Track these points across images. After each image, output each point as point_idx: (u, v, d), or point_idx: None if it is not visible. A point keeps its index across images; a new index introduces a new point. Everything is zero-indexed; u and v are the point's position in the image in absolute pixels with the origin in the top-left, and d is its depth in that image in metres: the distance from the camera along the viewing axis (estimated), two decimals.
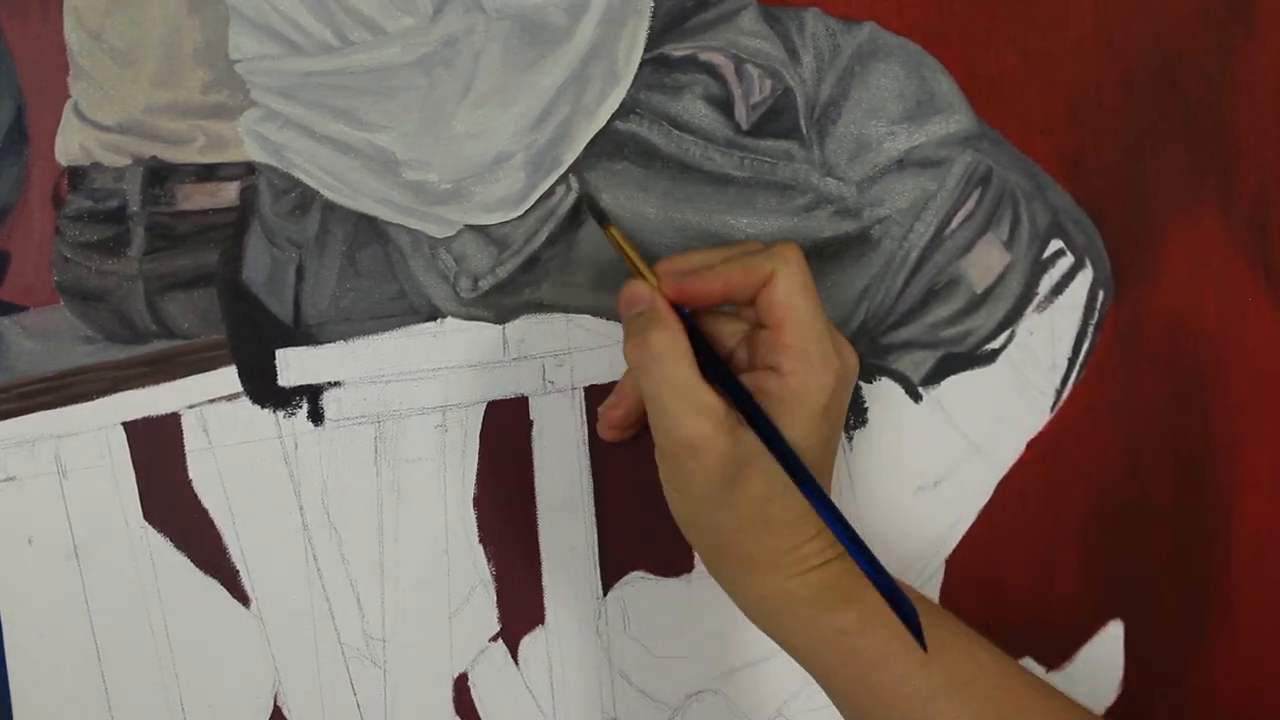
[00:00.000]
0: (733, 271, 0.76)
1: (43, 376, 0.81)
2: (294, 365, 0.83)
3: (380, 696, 0.87)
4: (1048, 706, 0.82)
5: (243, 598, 0.84)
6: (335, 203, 0.83)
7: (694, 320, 0.78)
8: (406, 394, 0.85)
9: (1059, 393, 0.94)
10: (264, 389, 0.84)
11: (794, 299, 0.75)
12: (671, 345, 0.74)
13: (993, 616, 0.96)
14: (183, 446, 0.83)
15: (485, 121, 0.83)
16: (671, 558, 0.90)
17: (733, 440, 0.74)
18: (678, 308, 0.77)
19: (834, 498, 0.89)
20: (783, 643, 0.80)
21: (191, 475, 0.83)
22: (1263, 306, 0.95)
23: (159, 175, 0.82)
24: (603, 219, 0.80)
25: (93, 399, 0.82)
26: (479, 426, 0.87)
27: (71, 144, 0.81)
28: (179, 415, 0.83)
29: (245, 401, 0.83)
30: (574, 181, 0.85)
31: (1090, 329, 0.94)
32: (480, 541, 0.87)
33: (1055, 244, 0.92)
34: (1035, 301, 0.92)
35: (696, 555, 0.90)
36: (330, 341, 0.84)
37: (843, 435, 0.92)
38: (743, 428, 0.75)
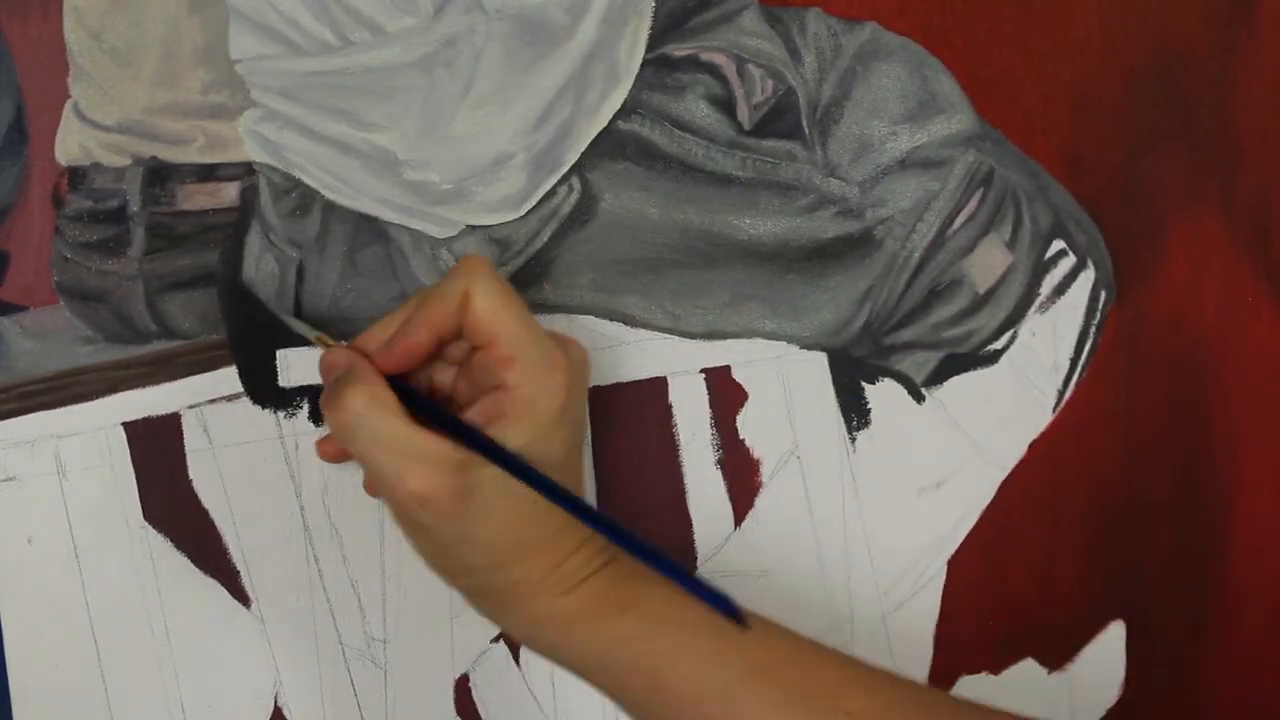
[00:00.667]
0: (429, 311, 0.72)
1: (43, 376, 0.81)
2: (295, 365, 0.83)
3: (381, 698, 0.86)
4: (852, 680, 0.77)
5: (243, 598, 0.84)
6: (336, 203, 0.83)
7: (401, 377, 0.74)
8: None
9: (1061, 393, 0.94)
10: (265, 389, 0.83)
11: (496, 308, 0.72)
12: (371, 400, 0.70)
13: (994, 617, 0.96)
14: (183, 446, 0.83)
15: (486, 121, 0.83)
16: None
17: (462, 477, 0.70)
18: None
19: (836, 498, 0.89)
20: (568, 665, 0.76)
21: (192, 475, 0.83)
22: (1263, 307, 0.95)
23: (159, 175, 0.82)
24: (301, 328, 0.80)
25: (93, 399, 0.82)
26: None
27: (71, 144, 0.81)
28: (179, 415, 0.83)
29: (246, 402, 0.83)
30: (576, 182, 0.85)
31: (1092, 330, 0.94)
32: None
33: (1057, 244, 0.92)
34: (1037, 302, 0.92)
35: (700, 558, 0.90)
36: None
37: (845, 436, 0.91)
38: (474, 461, 0.70)
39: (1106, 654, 0.98)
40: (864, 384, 0.92)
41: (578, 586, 0.73)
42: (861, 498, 0.92)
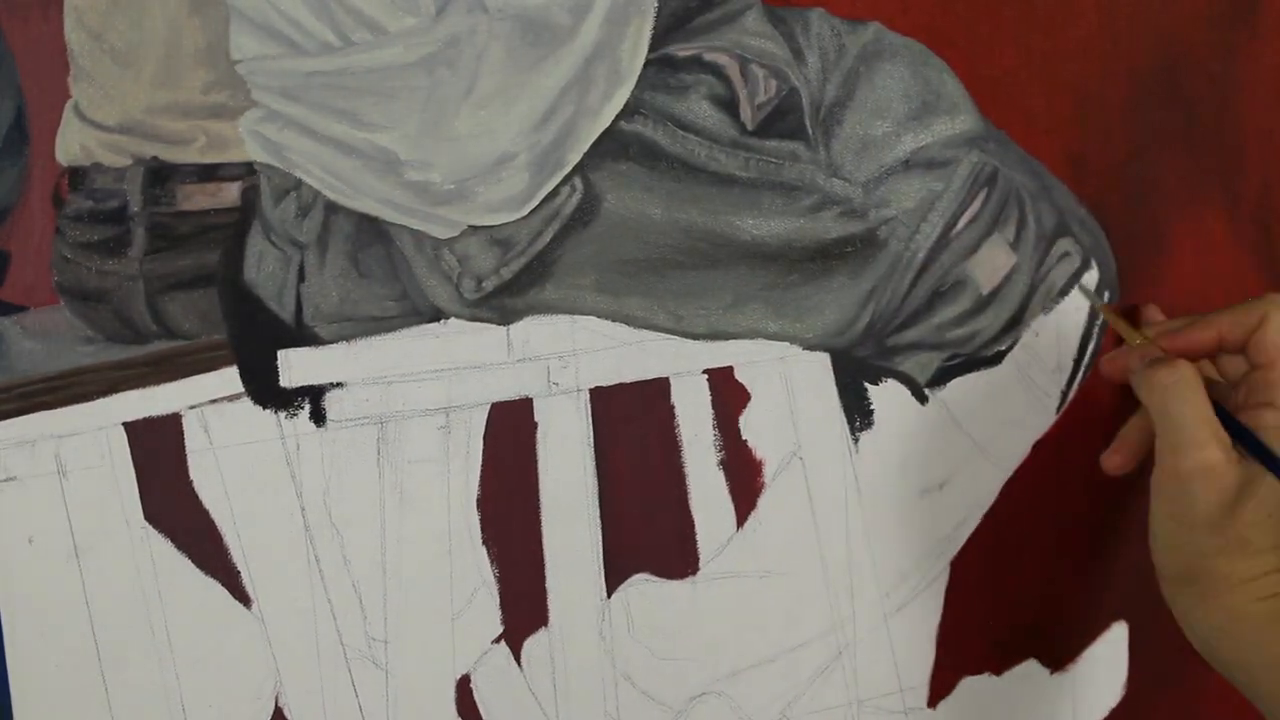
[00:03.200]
0: (1223, 319, 0.85)
1: (43, 376, 0.81)
2: (296, 366, 0.83)
3: (382, 698, 0.87)
4: None
5: (244, 598, 0.84)
6: (337, 203, 0.83)
7: None
8: (409, 395, 0.85)
9: (1064, 394, 0.94)
10: (265, 390, 0.83)
11: None
12: (1194, 376, 0.83)
13: (997, 618, 0.96)
14: (183, 447, 0.83)
15: (488, 122, 0.83)
16: (675, 560, 0.90)
17: (1241, 467, 0.80)
18: None
19: (839, 499, 0.90)
20: (1236, 665, 0.82)
21: (192, 476, 0.83)
22: None
23: (160, 175, 0.82)
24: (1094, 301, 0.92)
25: (93, 399, 0.82)
26: (482, 428, 0.86)
27: (72, 144, 0.81)
28: (180, 415, 0.83)
29: (246, 402, 0.83)
30: (578, 182, 0.85)
31: (1096, 330, 0.94)
32: (483, 543, 0.87)
33: (1061, 245, 0.92)
34: (1041, 303, 0.92)
35: (702, 559, 0.90)
36: (332, 342, 0.84)
37: (848, 437, 0.92)
38: (1245, 459, 0.81)
39: (1109, 655, 0.98)
40: (867, 385, 0.92)
41: (1271, 598, 0.80)
42: (864, 499, 0.92)
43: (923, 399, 0.93)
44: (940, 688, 0.96)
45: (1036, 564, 0.97)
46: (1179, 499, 0.82)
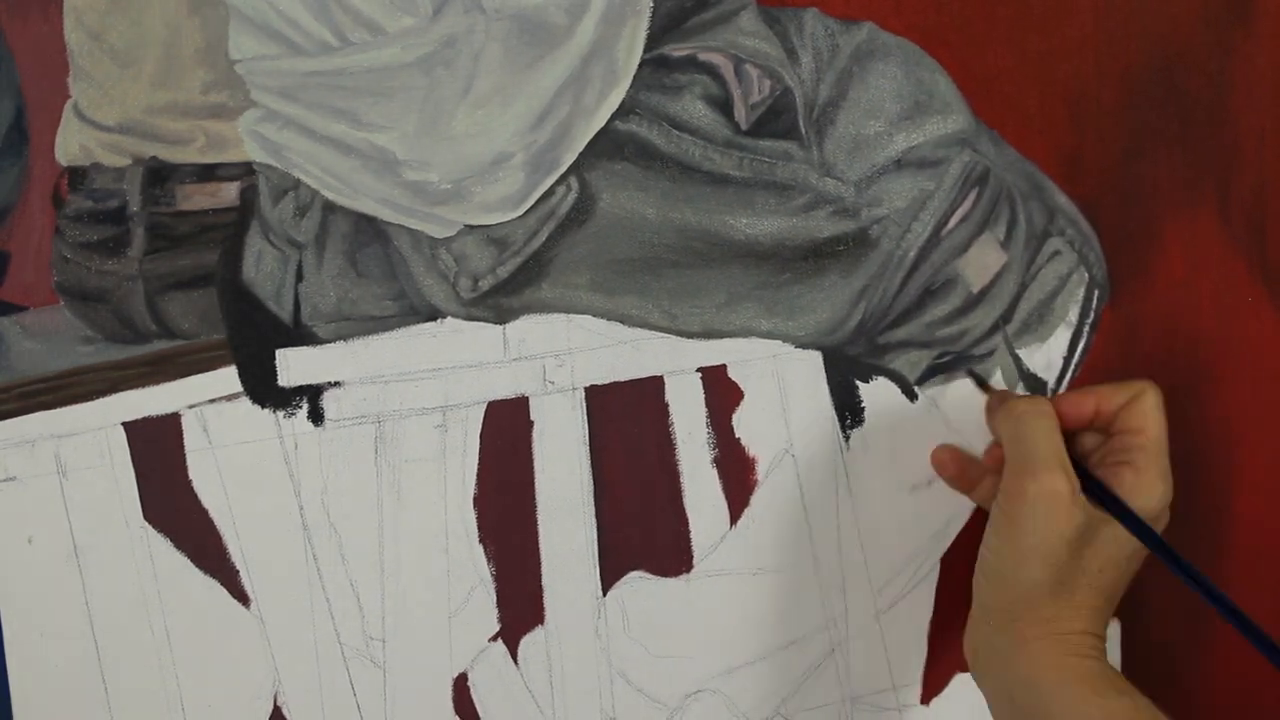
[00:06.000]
0: (1102, 389, 0.86)
1: (43, 376, 0.81)
2: (294, 365, 0.83)
3: (380, 696, 0.87)
4: None
5: (243, 598, 0.84)
6: (335, 203, 0.83)
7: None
8: (407, 394, 0.85)
9: (1054, 392, 0.95)
10: (264, 389, 0.83)
11: (1159, 415, 0.84)
12: (1050, 410, 0.85)
13: None
14: (183, 446, 0.83)
15: (485, 121, 0.83)
16: (670, 558, 0.90)
17: (1084, 510, 0.81)
18: None
19: (830, 496, 0.90)
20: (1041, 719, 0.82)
21: (191, 475, 0.83)
22: (1260, 307, 0.96)
23: (159, 175, 0.82)
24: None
25: (93, 399, 0.82)
26: (479, 427, 0.86)
27: (71, 144, 0.81)
28: (179, 415, 0.83)
29: (245, 401, 0.83)
30: (574, 182, 0.85)
31: (1086, 329, 0.94)
32: (480, 541, 0.87)
33: (1052, 244, 0.92)
34: (1031, 301, 0.93)
35: (696, 556, 0.90)
36: (330, 341, 0.84)
37: (840, 434, 0.92)
38: (1087, 503, 0.82)
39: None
40: (858, 383, 0.92)
41: (1086, 658, 0.81)
42: (855, 496, 0.93)
43: (913, 396, 0.93)
44: (933, 684, 0.96)
45: None
46: (1019, 523, 0.82)
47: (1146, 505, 0.82)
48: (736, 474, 0.91)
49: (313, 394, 0.84)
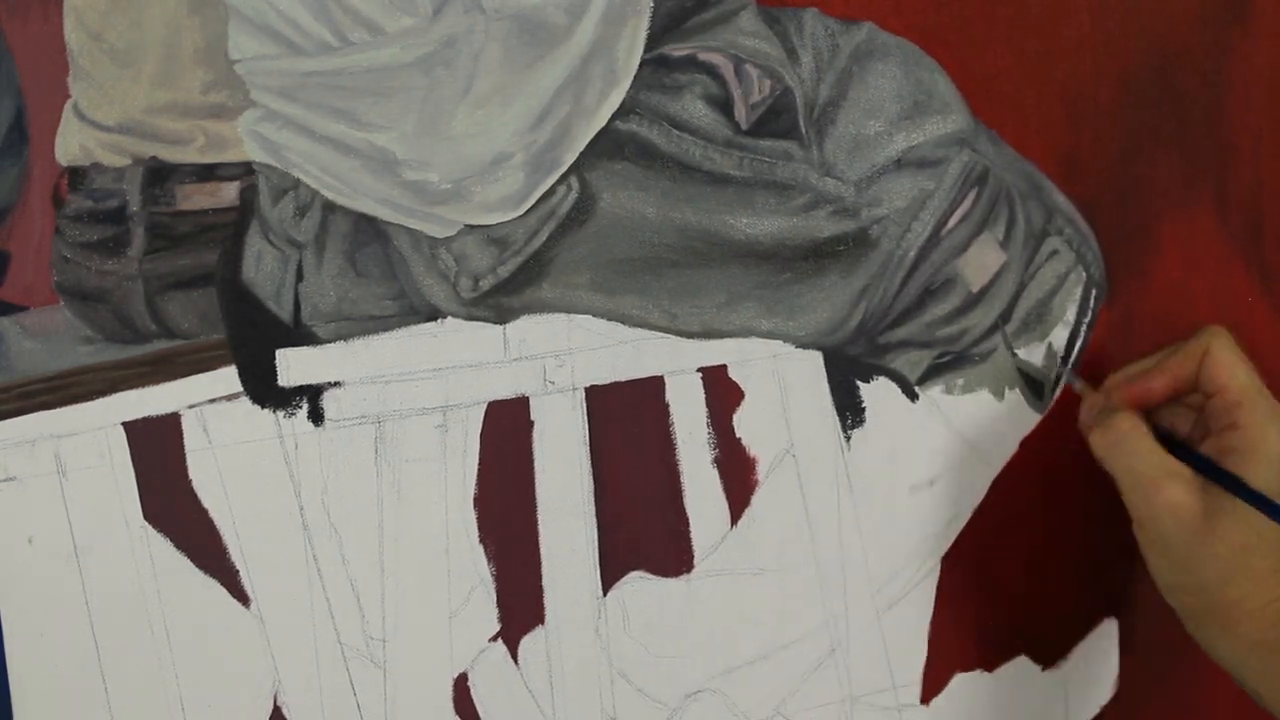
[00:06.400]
0: (1171, 361, 0.87)
1: (43, 376, 0.81)
2: (294, 365, 0.83)
3: (380, 697, 0.87)
4: None
5: (243, 598, 0.84)
6: (335, 203, 0.83)
7: (1147, 416, 0.88)
8: (407, 394, 0.85)
9: (1052, 392, 0.95)
10: (264, 389, 0.83)
11: (1235, 362, 0.85)
12: (1134, 425, 0.85)
13: (988, 615, 0.96)
14: (183, 446, 0.83)
15: (485, 121, 0.83)
16: (670, 558, 0.90)
17: (1204, 496, 0.82)
18: None
19: (831, 496, 0.90)
20: (1266, 691, 0.84)
21: (191, 475, 0.83)
22: (1257, 306, 0.96)
23: (159, 175, 0.82)
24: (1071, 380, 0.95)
25: (93, 399, 0.81)
26: (479, 427, 0.86)
27: (71, 144, 0.81)
28: (179, 415, 0.83)
29: (245, 401, 0.83)
30: (574, 182, 0.85)
31: (1084, 328, 0.94)
32: (480, 541, 0.87)
33: (1050, 243, 0.93)
34: (1030, 301, 0.93)
35: (697, 556, 0.90)
36: (330, 341, 0.84)
37: (840, 434, 0.92)
38: (1211, 486, 0.83)
39: (1100, 651, 0.99)
40: (859, 382, 0.92)
41: None
42: (856, 496, 0.93)
43: (913, 396, 0.93)
44: (933, 684, 0.96)
45: (1027, 560, 0.97)
46: (1159, 542, 0.84)
47: (1266, 458, 0.83)
48: (737, 474, 0.91)
49: (313, 394, 0.84)
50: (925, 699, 0.96)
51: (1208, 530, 0.82)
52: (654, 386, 0.89)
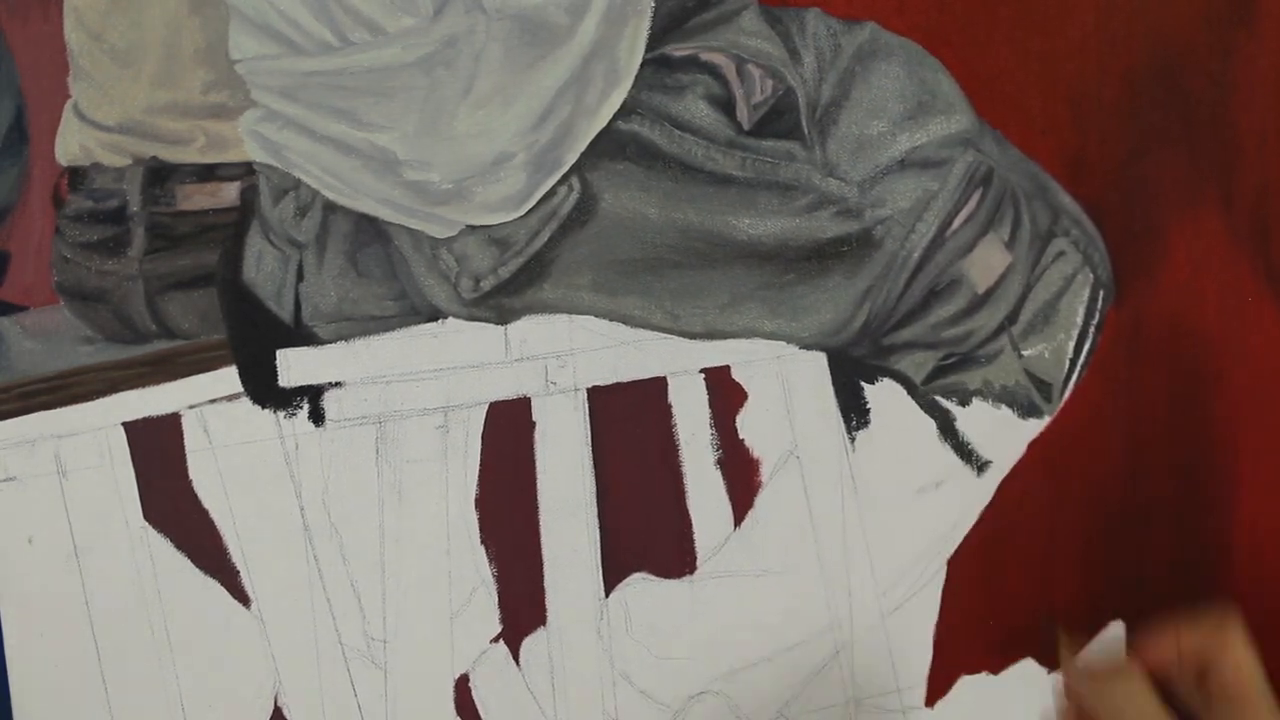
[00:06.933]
0: (1181, 630, 0.81)
1: (43, 376, 0.81)
2: (295, 366, 0.83)
3: (381, 697, 0.87)
4: None
5: (243, 598, 0.84)
6: (336, 203, 0.83)
7: None
8: (408, 395, 0.85)
9: (1060, 393, 0.94)
10: (264, 389, 0.83)
11: (1252, 664, 0.80)
12: (1144, 682, 0.80)
13: (994, 617, 0.96)
14: (183, 446, 0.83)
15: (486, 121, 0.83)
16: (673, 559, 0.90)
17: None
18: None
19: (835, 498, 0.90)
20: None
21: (192, 475, 0.83)
22: (1264, 307, 0.96)
23: (159, 175, 0.82)
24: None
25: (93, 399, 0.82)
26: (481, 427, 0.86)
27: (71, 144, 0.81)
28: (179, 415, 0.83)
29: (246, 402, 0.83)
30: (576, 182, 0.85)
31: (1091, 329, 0.94)
32: (482, 543, 0.87)
33: (1057, 244, 0.92)
34: (1037, 302, 0.93)
35: (700, 558, 0.90)
36: (331, 342, 0.84)
37: (845, 436, 0.92)
38: None
39: (1106, 653, 0.98)
40: (863, 384, 0.92)
41: None
42: (861, 498, 0.93)
43: (918, 398, 0.93)
44: (938, 687, 0.96)
45: (1033, 563, 0.97)
46: None
47: None
48: (740, 475, 0.91)
49: (313, 394, 0.84)
50: (930, 702, 0.96)
51: None
52: (656, 387, 0.89)
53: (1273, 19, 0.94)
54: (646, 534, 0.89)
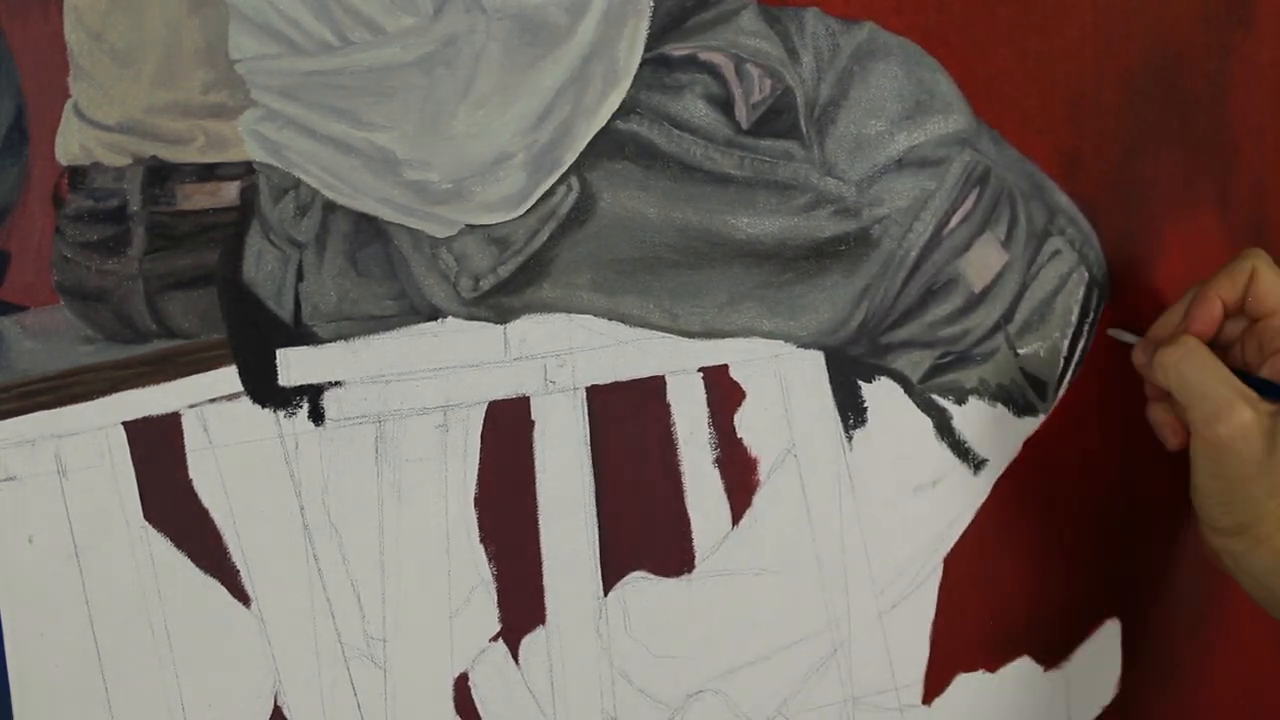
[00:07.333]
0: (1217, 287, 0.89)
1: (43, 376, 0.81)
2: (294, 365, 0.83)
3: (381, 696, 0.87)
4: None
5: (243, 597, 0.84)
6: (336, 202, 0.83)
7: None
8: (407, 394, 0.85)
9: (1055, 392, 0.95)
10: (264, 389, 0.83)
11: (1278, 279, 0.88)
12: (1199, 345, 0.87)
13: (990, 615, 0.96)
14: (183, 446, 0.83)
15: (486, 121, 0.83)
16: (671, 558, 0.90)
17: (1270, 416, 0.85)
18: None
19: (833, 496, 0.90)
20: None
21: (191, 475, 0.83)
22: None
23: (159, 175, 0.82)
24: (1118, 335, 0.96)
25: (93, 399, 0.81)
26: (480, 426, 0.86)
27: (72, 144, 0.81)
28: (179, 415, 0.83)
29: (246, 401, 0.83)
30: (575, 181, 0.85)
31: (1086, 328, 0.94)
32: (481, 541, 0.87)
33: (1052, 243, 0.93)
34: (1032, 301, 0.93)
35: (698, 556, 0.90)
36: (331, 341, 0.84)
37: (842, 434, 0.92)
38: (1274, 408, 0.85)
39: (1102, 652, 0.99)
40: (860, 383, 0.92)
41: None
42: (858, 496, 0.93)
43: (915, 396, 0.93)
44: (935, 685, 0.96)
45: (1029, 561, 0.97)
46: (1220, 460, 0.85)
47: None
48: (738, 474, 0.91)
49: (313, 394, 0.84)
50: (927, 699, 0.96)
51: (1269, 449, 0.84)
52: (655, 386, 0.89)
53: (1270, 19, 0.94)
54: (645, 533, 0.90)
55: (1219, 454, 0.85)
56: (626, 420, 0.89)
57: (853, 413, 0.92)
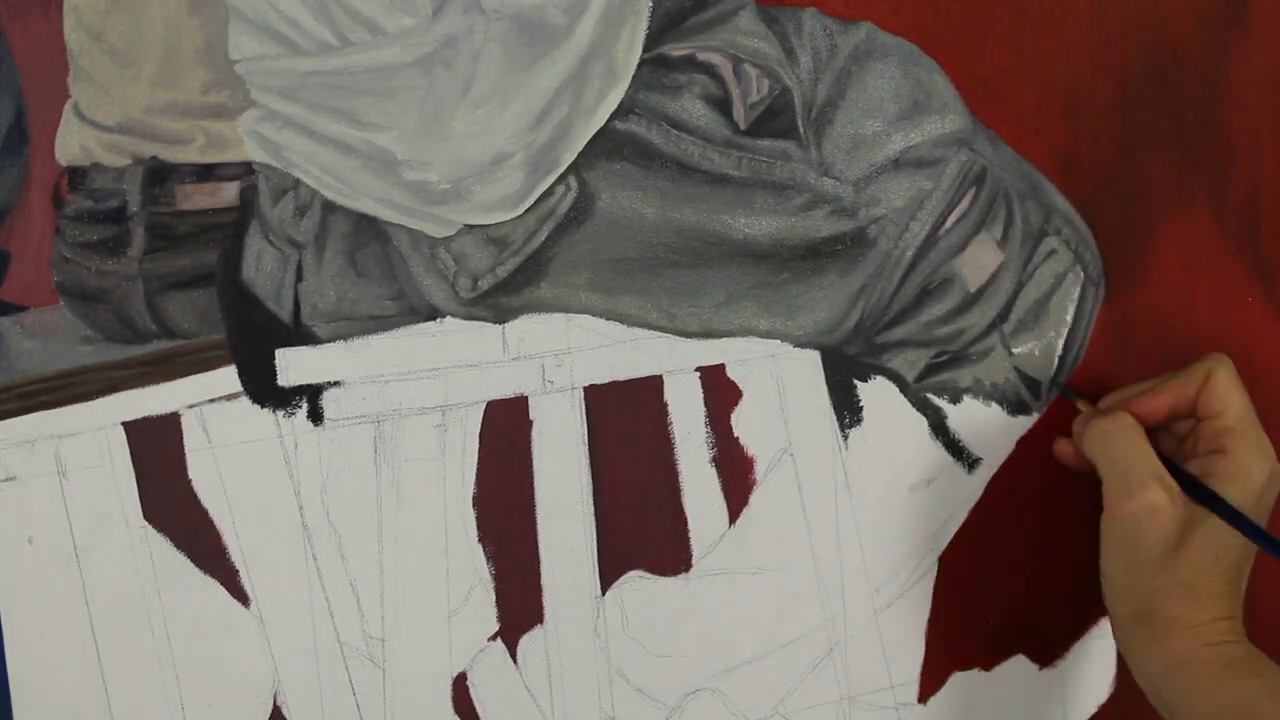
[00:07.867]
0: (1173, 382, 0.91)
1: (43, 376, 0.81)
2: (294, 365, 0.83)
3: (379, 696, 0.87)
4: None
5: (242, 597, 0.84)
6: (335, 203, 0.83)
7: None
8: (406, 394, 0.85)
9: (1049, 391, 0.95)
10: (264, 389, 0.83)
11: (1234, 389, 0.89)
12: (1134, 424, 0.88)
13: (985, 614, 0.96)
14: (183, 446, 0.83)
15: (484, 121, 0.83)
16: (669, 557, 0.90)
17: (1185, 508, 0.86)
18: None
19: (829, 495, 0.90)
20: (1182, 709, 0.86)
21: (191, 475, 0.83)
22: (1255, 306, 0.96)
23: (159, 175, 0.82)
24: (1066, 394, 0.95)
25: (93, 399, 0.81)
26: (478, 426, 0.87)
27: (71, 144, 0.81)
28: (179, 415, 0.83)
29: (245, 401, 0.83)
30: (573, 181, 0.85)
31: (1081, 328, 0.94)
32: (479, 541, 0.87)
33: (1048, 243, 0.93)
34: (1028, 301, 0.93)
35: (695, 555, 0.90)
36: (330, 341, 0.84)
37: (838, 434, 0.92)
38: (1189, 501, 0.86)
39: (1097, 650, 0.99)
40: (856, 382, 0.92)
41: (1219, 644, 0.85)
42: (854, 495, 0.93)
43: (910, 396, 0.93)
44: (930, 683, 0.96)
45: (1024, 559, 0.97)
46: (1127, 540, 0.87)
47: (1247, 486, 0.87)
48: (735, 473, 0.91)
49: (312, 394, 0.84)
50: (923, 698, 0.97)
51: (1178, 540, 0.85)
52: (652, 386, 0.89)
53: (1267, 20, 0.94)
54: (642, 532, 0.90)
55: (1126, 531, 0.87)
56: (624, 420, 0.89)
57: (848, 412, 0.92)
